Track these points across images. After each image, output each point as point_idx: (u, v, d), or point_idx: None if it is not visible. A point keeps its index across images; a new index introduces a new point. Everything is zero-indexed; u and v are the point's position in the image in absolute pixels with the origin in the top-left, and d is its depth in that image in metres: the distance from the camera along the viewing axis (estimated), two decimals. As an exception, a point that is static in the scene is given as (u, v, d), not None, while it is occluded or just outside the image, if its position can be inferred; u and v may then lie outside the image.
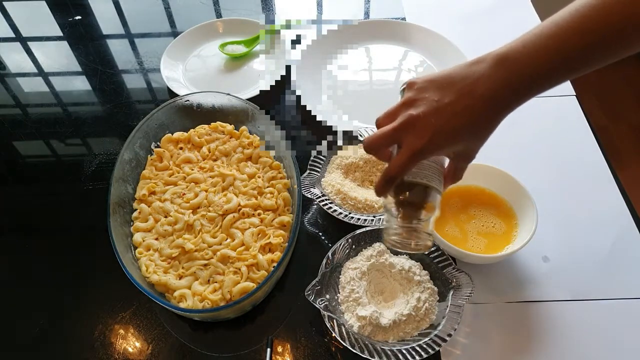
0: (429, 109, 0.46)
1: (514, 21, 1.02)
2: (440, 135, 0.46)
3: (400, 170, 0.48)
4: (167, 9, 1.15)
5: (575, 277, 0.67)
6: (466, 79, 0.46)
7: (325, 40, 1.00)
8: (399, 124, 0.47)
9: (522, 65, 0.44)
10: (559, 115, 0.86)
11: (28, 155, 0.91)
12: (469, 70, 0.46)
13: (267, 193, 0.72)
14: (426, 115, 0.46)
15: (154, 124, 0.77)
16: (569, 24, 0.43)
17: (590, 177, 0.77)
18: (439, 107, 0.46)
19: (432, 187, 0.51)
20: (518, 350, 0.61)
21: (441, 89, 0.47)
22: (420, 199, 0.51)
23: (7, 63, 1.07)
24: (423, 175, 0.50)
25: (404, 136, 0.47)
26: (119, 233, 0.65)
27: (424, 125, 0.46)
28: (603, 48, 0.43)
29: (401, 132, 0.47)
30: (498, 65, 0.45)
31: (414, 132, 0.46)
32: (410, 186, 0.51)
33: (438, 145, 0.47)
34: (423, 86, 0.48)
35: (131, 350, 0.64)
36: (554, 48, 0.43)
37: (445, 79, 0.47)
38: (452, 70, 0.47)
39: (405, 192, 0.51)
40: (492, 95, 0.45)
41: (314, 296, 0.60)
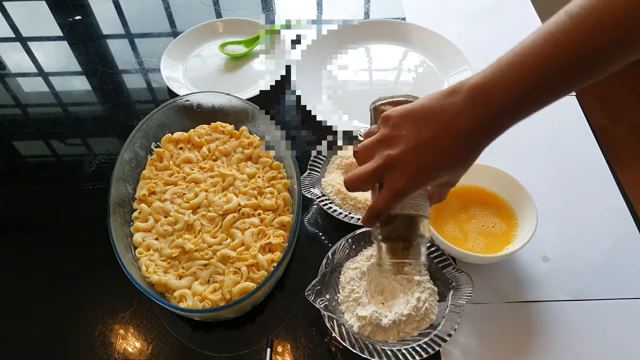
0: (406, 148, 0.45)
1: (514, 21, 1.02)
2: (420, 174, 0.46)
3: (384, 208, 0.48)
4: (167, 9, 1.15)
5: (575, 277, 0.67)
6: (443, 113, 0.45)
7: (325, 40, 1.00)
8: (378, 165, 0.46)
9: (498, 97, 0.43)
10: (559, 115, 0.86)
11: (28, 155, 0.91)
12: (444, 103, 0.45)
13: (267, 193, 0.72)
14: (405, 154, 0.45)
15: (154, 124, 0.77)
16: (541, 50, 0.41)
17: (590, 177, 0.77)
18: (417, 146, 0.45)
19: (419, 214, 0.51)
20: (518, 350, 0.61)
21: (417, 124, 0.46)
22: (408, 228, 0.51)
23: (7, 63, 1.07)
24: (409, 206, 0.50)
25: (385, 176, 0.47)
26: (119, 233, 0.65)
27: (403, 166, 0.45)
28: (577, 74, 0.42)
29: (381, 172, 0.47)
30: (474, 97, 0.44)
31: (394, 173, 0.46)
32: (396, 217, 0.50)
33: (419, 184, 0.47)
34: (398, 121, 0.47)
35: (131, 350, 0.64)
36: (530, 76, 0.42)
37: (422, 112, 0.46)
38: (427, 103, 0.46)
39: (391, 224, 0.51)
40: (470, 130, 0.44)
41: (314, 296, 0.60)
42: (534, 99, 0.43)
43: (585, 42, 0.40)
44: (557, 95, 0.44)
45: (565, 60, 0.41)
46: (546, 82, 0.42)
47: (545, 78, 0.42)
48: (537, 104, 0.44)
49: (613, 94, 2.02)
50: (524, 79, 0.42)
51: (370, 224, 0.51)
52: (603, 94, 2.00)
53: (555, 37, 0.41)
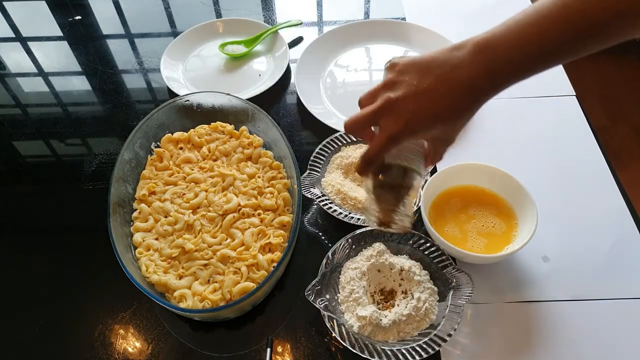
0: (406, 93, 0.46)
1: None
2: (416, 120, 0.46)
3: (377, 152, 0.49)
4: (167, 9, 1.15)
5: (575, 277, 0.67)
6: (445, 64, 0.46)
7: (325, 40, 1.00)
8: (377, 107, 0.47)
9: (501, 54, 0.44)
10: (559, 116, 0.86)
11: (28, 155, 0.91)
12: (449, 55, 0.46)
13: (267, 193, 0.72)
14: (403, 99, 0.46)
15: (154, 124, 0.77)
16: (551, 12, 0.42)
17: (590, 177, 0.77)
18: (417, 92, 0.46)
19: (412, 168, 0.51)
20: (518, 350, 0.61)
21: (421, 72, 0.47)
22: (400, 180, 0.52)
23: (7, 63, 1.07)
24: (403, 157, 0.51)
25: (381, 119, 0.47)
26: (119, 233, 0.65)
27: (400, 110, 0.46)
28: (583, 39, 0.43)
29: (379, 114, 0.47)
30: (478, 52, 0.45)
31: (390, 116, 0.47)
32: (390, 167, 0.51)
33: (414, 130, 0.47)
34: (403, 68, 0.48)
35: (131, 350, 0.64)
36: (534, 37, 0.43)
37: (426, 62, 0.47)
38: (434, 55, 0.47)
39: (384, 174, 0.52)
40: (469, 82, 0.45)
41: (314, 296, 0.60)
42: (536, 60, 0.44)
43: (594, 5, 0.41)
44: (560, 58, 0.44)
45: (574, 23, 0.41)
46: (551, 44, 0.43)
47: (552, 39, 0.43)
48: (538, 65, 0.45)
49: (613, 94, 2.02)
50: (530, 38, 0.43)
51: (363, 170, 0.51)
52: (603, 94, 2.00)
53: (564, 2, 0.42)
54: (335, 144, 0.78)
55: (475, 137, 0.82)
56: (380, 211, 0.52)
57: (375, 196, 0.53)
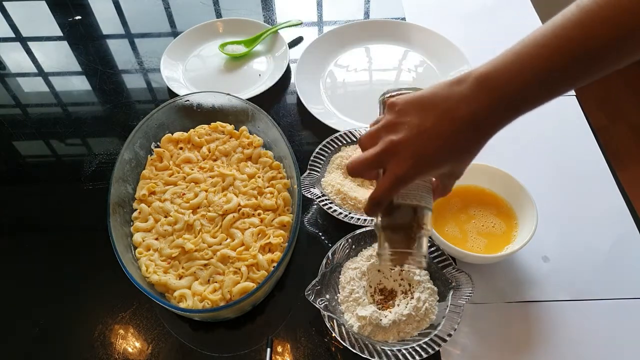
0: (409, 134, 0.45)
1: (514, 21, 1.02)
2: (422, 161, 0.45)
3: (384, 195, 0.48)
4: (167, 9, 1.15)
5: (575, 277, 0.67)
6: (447, 101, 0.44)
7: (325, 40, 1.00)
8: (380, 150, 0.46)
9: (503, 87, 0.43)
10: (559, 115, 0.86)
11: (28, 155, 0.91)
12: (450, 91, 0.45)
13: (267, 193, 0.72)
14: (407, 140, 0.45)
15: (154, 124, 0.77)
16: (551, 42, 0.41)
17: (590, 177, 0.77)
18: (420, 132, 0.45)
19: (422, 206, 0.50)
20: (518, 350, 0.61)
21: (422, 111, 0.45)
22: (410, 219, 0.50)
23: (7, 63, 1.07)
24: (412, 196, 0.50)
25: (386, 162, 0.46)
26: (119, 233, 0.65)
27: (405, 152, 0.45)
28: (584, 68, 0.42)
29: (383, 157, 0.46)
30: (480, 87, 0.43)
31: (395, 159, 0.46)
32: (399, 206, 0.50)
33: (421, 171, 0.46)
34: (404, 108, 0.46)
35: (131, 350, 0.64)
36: (536, 68, 0.42)
37: (426, 100, 0.46)
38: (433, 91, 0.46)
39: (394, 214, 0.50)
40: (473, 119, 0.44)
41: (314, 296, 0.60)
42: (539, 91, 0.43)
43: (595, 35, 0.40)
44: (562, 88, 0.43)
45: (574, 53, 0.41)
46: (552, 75, 0.42)
47: (552, 70, 0.41)
48: (542, 96, 0.43)
49: (613, 94, 2.02)
50: (531, 70, 0.42)
51: (372, 213, 0.50)
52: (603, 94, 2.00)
53: (564, 30, 0.41)
54: (335, 144, 0.78)
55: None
56: (394, 255, 0.50)
57: (387, 238, 0.51)
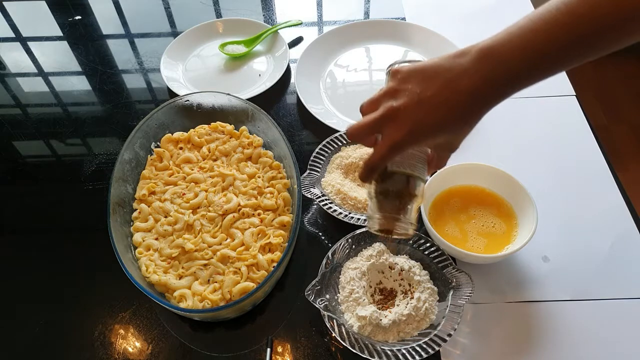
0: (409, 101, 0.46)
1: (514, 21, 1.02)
2: (419, 128, 0.46)
3: (380, 160, 0.49)
4: (167, 9, 1.15)
5: (575, 277, 0.67)
6: (449, 72, 0.45)
7: (325, 40, 1.00)
8: (380, 115, 0.47)
9: (505, 61, 0.43)
10: (559, 115, 0.86)
11: (28, 155, 0.91)
12: (452, 63, 0.45)
13: (267, 193, 0.72)
14: (406, 107, 0.46)
15: (154, 124, 0.77)
16: (555, 18, 0.42)
17: (590, 177, 0.77)
18: (420, 100, 0.45)
19: (415, 175, 0.51)
20: (518, 350, 0.61)
21: (424, 80, 0.46)
22: (403, 187, 0.51)
23: (7, 63, 1.07)
24: (406, 165, 0.51)
25: (384, 127, 0.47)
26: (119, 233, 0.65)
27: (403, 118, 0.46)
28: (588, 45, 0.42)
29: (382, 122, 0.47)
30: (481, 60, 0.44)
31: (393, 124, 0.46)
32: (393, 174, 0.51)
33: (417, 138, 0.47)
34: (406, 76, 0.47)
35: (131, 350, 0.64)
36: (537, 44, 0.42)
37: (429, 70, 0.46)
38: (437, 62, 0.47)
39: (387, 181, 0.51)
40: (473, 90, 0.44)
41: (314, 296, 0.60)
42: (540, 67, 0.44)
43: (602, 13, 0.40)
44: (562, 65, 0.44)
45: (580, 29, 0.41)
46: (556, 51, 0.42)
47: (556, 46, 0.42)
48: (543, 71, 0.44)
49: (613, 94, 2.02)
50: (535, 45, 0.42)
51: (366, 177, 0.51)
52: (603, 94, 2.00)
53: (570, 6, 0.41)
54: (335, 144, 0.78)
55: (475, 137, 0.81)
56: (383, 218, 0.52)
57: (378, 203, 0.52)
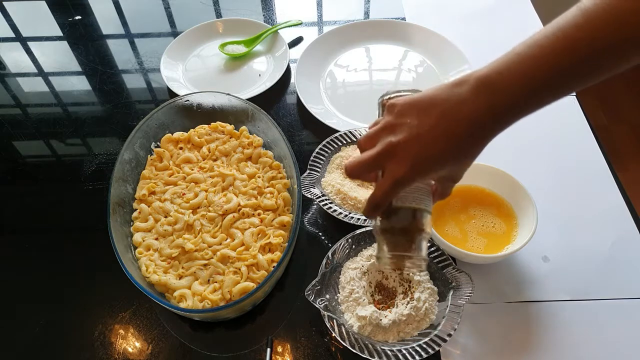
0: (408, 135, 0.45)
1: (514, 21, 1.02)
2: (421, 162, 0.45)
3: (383, 198, 0.47)
4: (167, 9, 1.15)
5: (575, 277, 0.67)
6: (447, 102, 0.44)
7: (325, 40, 1.00)
8: (379, 152, 0.46)
9: (504, 90, 0.42)
10: (559, 115, 0.86)
11: (28, 155, 0.91)
12: (450, 93, 0.44)
13: (267, 193, 0.72)
14: (406, 142, 0.45)
15: (154, 124, 0.77)
16: (554, 44, 0.41)
17: (590, 177, 0.77)
18: (419, 134, 0.44)
19: (421, 209, 0.50)
20: (518, 350, 0.61)
21: (421, 113, 0.45)
22: (410, 222, 0.50)
23: (7, 63, 1.07)
24: (411, 199, 0.49)
25: (385, 163, 0.46)
26: (119, 233, 0.65)
27: (403, 153, 0.45)
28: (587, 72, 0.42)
29: (381, 159, 0.46)
30: (480, 88, 0.43)
31: (394, 160, 0.45)
32: (398, 210, 0.50)
33: (419, 173, 0.46)
34: (403, 109, 0.46)
35: (131, 350, 0.64)
36: (535, 72, 0.41)
37: (426, 101, 0.45)
38: (433, 92, 0.46)
39: (393, 217, 0.50)
40: (473, 121, 0.43)
41: (314, 296, 0.60)
42: (542, 94, 0.43)
43: (600, 36, 0.40)
44: (565, 91, 0.43)
45: (580, 54, 0.40)
46: (556, 77, 0.41)
47: (556, 72, 0.41)
48: (544, 99, 0.43)
49: (613, 94, 2.02)
50: (534, 72, 0.41)
51: (370, 215, 0.50)
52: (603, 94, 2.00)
53: (568, 32, 0.40)
54: (335, 144, 0.78)
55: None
56: (394, 258, 0.50)
57: (386, 241, 0.50)
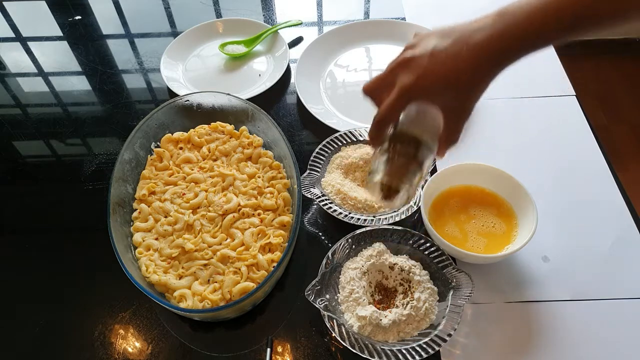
0: (424, 52, 0.48)
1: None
2: (428, 76, 0.47)
3: (388, 110, 0.49)
4: (167, 9, 1.15)
5: (575, 277, 0.67)
6: (466, 29, 0.47)
7: (325, 40, 1.00)
8: (394, 64, 0.50)
9: (518, 21, 0.45)
10: (559, 115, 0.86)
11: (28, 155, 0.91)
12: (471, 22, 0.48)
13: (267, 193, 0.72)
14: (420, 57, 0.48)
15: (154, 124, 0.77)
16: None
17: (590, 177, 0.77)
18: (434, 52, 0.47)
19: (424, 141, 0.50)
20: (518, 350, 0.61)
21: (441, 35, 0.48)
22: (411, 152, 0.50)
23: (7, 63, 1.07)
24: (417, 128, 0.50)
25: (397, 76, 0.49)
26: (119, 233, 0.65)
27: (415, 65, 0.48)
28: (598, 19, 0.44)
29: (395, 72, 0.49)
30: (497, 18, 0.46)
31: (405, 71, 0.48)
32: (402, 137, 0.51)
33: (425, 87, 0.48)
34: (426, 35, 0.50)
35: (131, 350, 0.64)
36: (551, 9, 0.44)
37: (449, 27, 0.49)
38: (458, 22, 0.49)
39: (397, 145, 0.51)
40: (483, 45, 0.45)
41: (314, 296, 0.60)
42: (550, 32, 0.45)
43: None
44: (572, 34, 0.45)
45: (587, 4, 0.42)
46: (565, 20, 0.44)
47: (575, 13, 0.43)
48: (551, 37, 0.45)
49: (613, 94, 2.02)
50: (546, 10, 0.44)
51: (374, 135, 0.51)
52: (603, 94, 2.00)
53: None
54: (335, 144, 0.78)
55: (476, 137, 0.82)
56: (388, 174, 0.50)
57: (385, 159, 0.51)
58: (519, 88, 0.90)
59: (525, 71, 0.93)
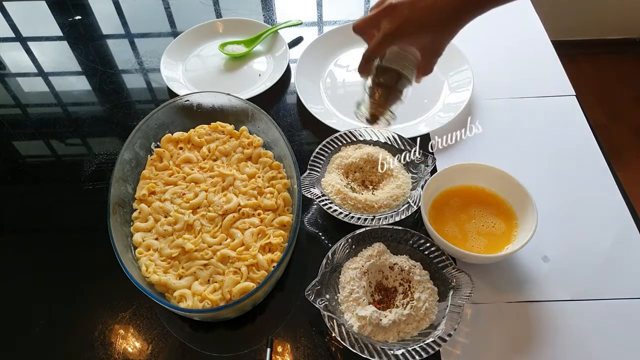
0: (406, 1, 0.56)
1: (514, 21, 1.02)
2: (409, 23, 0.56)
3: (374, 48, 0.59)
4: (167, 9, 1.15)
5: (575, 277, 0.67)
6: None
7: (325, 40, 1.00)
8: (379, 10, 0.58)
9: None
10: (559, 115, 0.86)
11: (28, 155, 0.91)
12: None
13: (267, 193, 0.72)
14: (402, 5, 0.56)
15: (154, 124, 0.77)
16: None
17: (590, 177, 0.77)
18: (413, 2, 0.55)
19: (404, 74, 0.62)
20: (518, 350, 0.61)
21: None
22: (392, 83, 0.62)
23: (7, 63, 1.07)
24: (398, 64, 0.61)
25: (382, 21, 0.57)
26: (119, 233, 0.65)
27: (397, 14, 0.56)
28: None
29: (380, 17, 0.57)
30: None
31: (388, 18, 0.57)
32: (386, 72, 0.62)
33: (406, 33, 0.56)
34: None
35: (131, 350, 0.64)
36: None
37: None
38: None
39: (381, 77, 0.62)
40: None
41: (314, 296, 0.60)
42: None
43: None
44: None
45: None
46: None
47: None
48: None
49: (613, 94, 2.02)
50: None
51: (364, 66, 0.61)
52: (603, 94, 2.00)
53: None
54: (335, 144, 0.78)
55: (476, 137, 0.82)
56: (372, 104, 0.63)
57: (370, 93, 0.63)
58: (519, 88, 0.90)
59: (525, 71, 0.93)
